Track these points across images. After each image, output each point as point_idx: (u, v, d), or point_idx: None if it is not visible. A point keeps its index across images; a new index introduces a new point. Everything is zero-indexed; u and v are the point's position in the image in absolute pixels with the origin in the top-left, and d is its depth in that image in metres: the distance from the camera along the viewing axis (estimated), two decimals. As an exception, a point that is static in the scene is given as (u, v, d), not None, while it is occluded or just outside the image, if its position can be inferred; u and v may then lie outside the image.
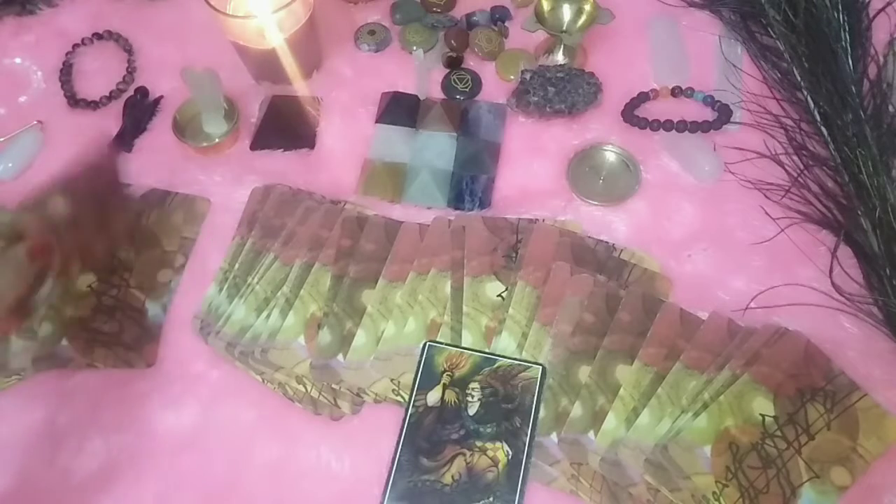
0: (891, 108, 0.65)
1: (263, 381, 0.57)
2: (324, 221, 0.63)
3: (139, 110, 0.71)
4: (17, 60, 0.76)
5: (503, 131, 0.69)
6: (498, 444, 0.53)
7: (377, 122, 0.70)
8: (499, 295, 0.59)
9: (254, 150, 0.69)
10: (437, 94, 0.72)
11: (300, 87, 0.72)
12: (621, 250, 0.62)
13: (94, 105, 0.72)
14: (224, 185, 0.66)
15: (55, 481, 0.54)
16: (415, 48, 0.73)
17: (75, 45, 0.76)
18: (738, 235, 0.62)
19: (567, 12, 0.71)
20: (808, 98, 0.66)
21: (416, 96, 0.72)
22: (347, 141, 0.69)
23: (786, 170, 0.65)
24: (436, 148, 0.68)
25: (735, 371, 0.55)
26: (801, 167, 0.64)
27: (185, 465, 0.54)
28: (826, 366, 0.55)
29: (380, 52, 0.75)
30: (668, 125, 0.67)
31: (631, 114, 0.68)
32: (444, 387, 0.56)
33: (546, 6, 0.70)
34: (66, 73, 0.74)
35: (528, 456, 0.53)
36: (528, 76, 0.69)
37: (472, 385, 0.55)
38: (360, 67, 0.74)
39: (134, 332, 0.59)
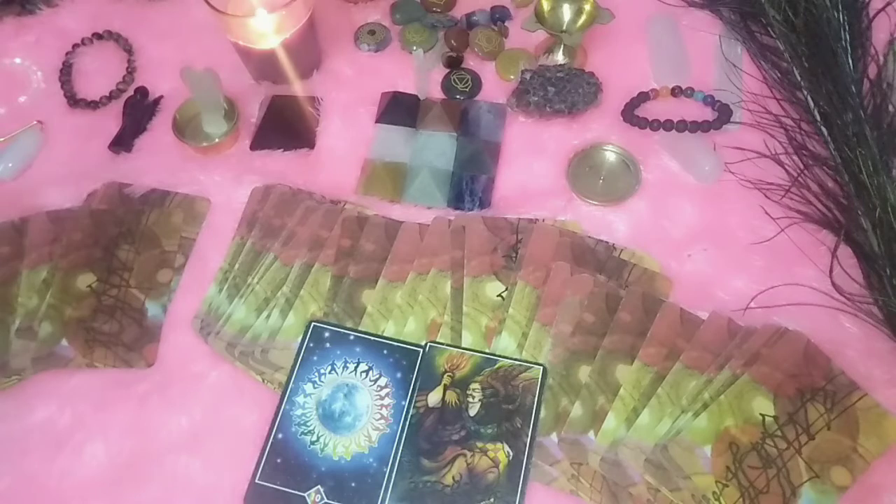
0: (891, 108, 0.65)
1: (263, 381, 0.57)
2: (324, 221, 0.63)
3: (139, 110, 0.71)
4: (17, 60, 0.76)
5: (503, 131, 0.69)
6: (499, 445, 0.53)
7: (377, 122, 0.70)
8: (499, 295, 0.59)
9: (254, 150, 0.69)
10: (437, 94, 0.72)
11: (300, 87, 0.72)
12: (621, 250, 0.62)
13: (94, 105, 0.72)
14: (224, 185, 0.66)
15: (55, 482, 0.54)
16: (415, 48, 0.73)
17: (75, 45, 0.76)
18: (738, 235, 0.62)
19: (567, 12, 0.70)
20: (808, 98, 0.66)
21: (416, 96, 0.72)
22: (347, 141, 0.69)
23: (786, 170, 0.65)
24: (436, 148, 0.68)
25: (735, 371, 0.55)
26: (801, 167, 0.64)
27: (185, 465, 0.54)
28: (826, 366, 0.55)
29: (380, 52, 0.75)
30: (668, 125, 0.67)
31: (631, 114, 0.68)
32: (445, 388, 0.56)
33: (546, 6, 0.70)
34: (66, 73, 0.74)
35: (529, 457, 0.53)
36: (528, 76, 0.69)
37: (472, 386, 0.56)
38: (360, 67, 0.74)
39: (134, 332, 0.59)
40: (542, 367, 0.56)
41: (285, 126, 0.70)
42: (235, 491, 0.53)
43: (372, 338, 0.58)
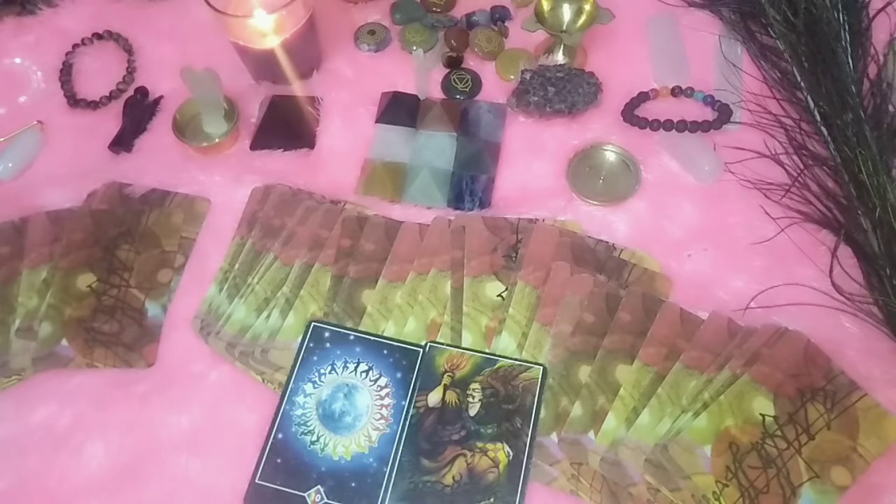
0: (891, 108, 0.65)
1: (263, 381, 0.57)
2: (324, 221, 0.63)
3: (139, 110, 0.71)
4: (17, 60, 0.76)
5: (503, 131, 0.69)
6: (499, 445, 0.53)
7: (377, 121, 0.70)
8: (499, 295, 0.59)
9: (254, 150, 0.69)
10: (437, 94, 0.72)
11: (300, 87, 0.72)
12: (621, 250, 0.62)
13: (94, 105, 0.72)
14: (224, 185, 0.66)
15: (55, 482, 0.54)
16: (415, 48, 0.73)
17: (75, 45, 0.76)
18: (738, 235, 0.62)
19: (567, 12, 0.71)
20: (808, 98, 0.66)
21: (416, 96, 0.72)
22: (347, 141, 0.69)
23: (786, 170, 0.65)
24: (436, 148, 0.68)
25: (735, 371, 0.55)
26: (801, 167, 0.64)
27: (185, 465, 0.54)
28: (826, 366, 0.55)
29: (380, 52, 0.75)
30: (668, 125, 0.67)
31: (631, 114, 0.68)
32: (445, 388, 0.56)
33: (546, 6, 0.70)
34: (66, 73, 0.74)
35: (529, 456, 0.53)
36: (528, 76, 0.69)
37: (472, 386, 0.56)
38: (360, 67, 0.74)
39: (134, 332, 0.59)
40: (542, 367, 0.56)
41: (285, 126, 0.70)
42: (235, 491, 0.53)
43: (372, 338, 0.58)
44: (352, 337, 0.58)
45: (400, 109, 0.71)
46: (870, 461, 0.52)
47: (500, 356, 0.57)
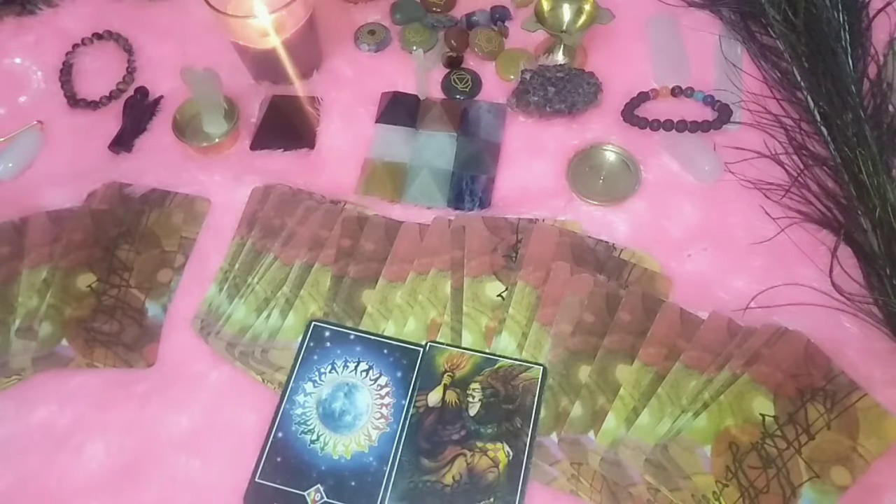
0: (891, 108, 0.65)
1: (263, 380, 0.57)
2: (324, 221, 0.63)
3: (139, 110, 0.71)
4: (17, 60, 0.76)
5: (503, 131, 0.69)
6: (499, 445, 0.53)
7: (377, 121, 0.70)
8: (499, 295, 0.59)
9: (254, 150, 0.69)
10: (437, 94, 0.72)
11: (300, 87, 0.72)
12: (621, 250, 0.62)
13: (94, 105, 0.72)
14: (224, 185, 0.66)
15: (55, 482, 0.54)
16: (415, 48, 0.73)
17: (75, 45, 0.76)
18: (738, 235, 0.62)
19: (567, 12, 0.71)
20: (808, 98, 0.66)
21: (416, 96, 0.72)
22: (347, 141, 0.69)
23: (786, 170, 0.65)
24: (436, 148, 0.68)
25: (735, 371, 0.55)
26: (801, 167, 0.64)
27: (185, 465, 0.54)
28: (826, 366, 0.55)
29: (380, 52, 0.75)
30: (668, 125, 0.67)
31: (631, 114, 0.68)
32: (445, 387, 0.56)
33: (546, 6, 0.70)
34: (66, 73, 0.74)
35: (529, 456, 0.53)
36: (528, 76, 0.69)
37: (472, 386, 0.56)
38: (360, 67, 0.74)
39: (134, 332, 0.59)
40: (542, 367, 0.56)
41: (285, 126, 0.70)
42: (235, 490, 0.53)
43: (372, 337, 0.58)
44: (352, 336, 0.58)
45: (400, 109, 0.71)
46: (870, 461, 0.52)
47: (500, 356, 0.57)
